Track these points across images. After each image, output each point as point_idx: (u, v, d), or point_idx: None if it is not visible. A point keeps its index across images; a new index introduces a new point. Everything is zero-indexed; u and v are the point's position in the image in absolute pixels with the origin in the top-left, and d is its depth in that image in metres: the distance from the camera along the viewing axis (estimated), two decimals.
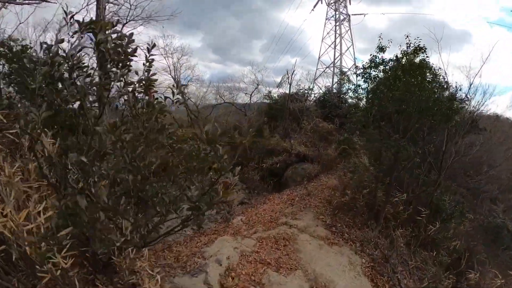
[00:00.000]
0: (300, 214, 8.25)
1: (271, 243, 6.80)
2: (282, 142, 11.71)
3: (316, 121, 12.34)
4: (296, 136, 11.99)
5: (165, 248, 6.71)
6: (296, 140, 11.76)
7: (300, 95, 14.42)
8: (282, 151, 11.63)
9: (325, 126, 12.28)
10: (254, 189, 10.97)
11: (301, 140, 11.81)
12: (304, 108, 13.48)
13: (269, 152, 11.87)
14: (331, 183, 9.75)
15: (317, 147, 11.32)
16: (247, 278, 5.32)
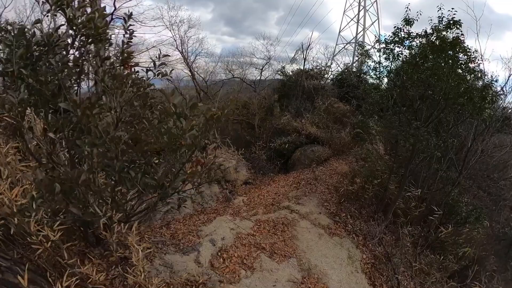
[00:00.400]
0: (304, 199, 7.83)
1: (269, 227, 6.52)
2: (293, 121, 11.06)
3: (331, 101, 11.54)
4: (308, 116, 11.29)
5: (163, 225, 6.59)
6: (308, 120, 11.07)
7: (316, 72, 13.47)
8: (292, 131, 11.01)
9: (340, 107, 11.47)
10: (260, 169, 10.54)
11: (313, 121, 11.11)
12: (319, 87, 12.60)
13: (279, 131, 11.29)
14: (340, 168, 9.18)
15: (329, 129, 10.64)
16: (238, 261, 5.18)
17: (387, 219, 6.52)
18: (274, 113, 11.92)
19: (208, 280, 4.63)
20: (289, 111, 11.83)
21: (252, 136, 11.59)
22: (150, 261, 4.57)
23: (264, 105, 11.86)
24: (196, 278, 4.49)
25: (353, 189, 6.98)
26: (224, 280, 4.71)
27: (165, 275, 4.46)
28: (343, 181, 7.73)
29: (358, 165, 7.71)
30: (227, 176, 9.62)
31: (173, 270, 4.61)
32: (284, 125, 11.22)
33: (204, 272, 4.79)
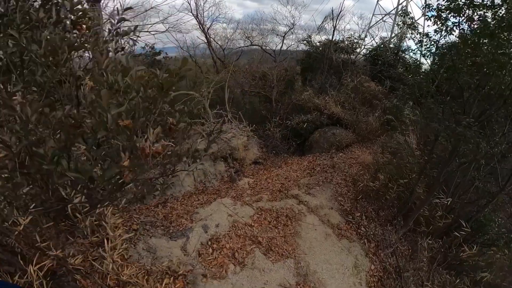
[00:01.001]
0: (316, 189, 6.90)
1: (270, 218, 5.83)
2: (315, 98, 9.81)
3: (361, 79, 10.08)
4: (333, 94, 9.99)
5: (160, 203, 6.27)
6: (332, 98, 9.78)
7: (346, 45, 11.82)
8: (313, 109, 9.81)
9: (371, 87, 10.02)
10: (273, 148, 9.59)
11: (338, 99, 9.80)
12: (349, 61, 11.08)
13: (298, 108, 10.12)
14: (363, 158, 8.06)
15: (356, 111, 9.34)
16: (229, 254, 4.70)
17: (407, 226, 5.51)
18: (294, 87, 10.70)
19: (190, 272, 4.20)
20: (312, 86, 10.54)
21: (268, 111, 10.51)
22: (134, 245, 4.31)
23: (285, 77, 10.61)
24: (176, 268, 4.11)
25: (374, 186, 5.94)
26: (207, 274, 4.24)
27: (147, 261, 4.13)
28: (364, 174, 6.66)
29: (384, 157, 6.57)
30: (235, 154, 8.80)
31: (156, 256, 4.29)
32: (304, 101, 10.01)
33: (188, 262, 4.37)
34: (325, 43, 11.54)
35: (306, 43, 12.12)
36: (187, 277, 4.09)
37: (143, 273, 3.87)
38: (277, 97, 10.46)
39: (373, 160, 7.12)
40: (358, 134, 9.06)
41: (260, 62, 12.52)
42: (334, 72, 10.85)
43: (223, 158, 8.71)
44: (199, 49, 15.36)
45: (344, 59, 11.19)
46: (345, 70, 10.64)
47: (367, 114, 9.26)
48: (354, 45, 11.92)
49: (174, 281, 3.93)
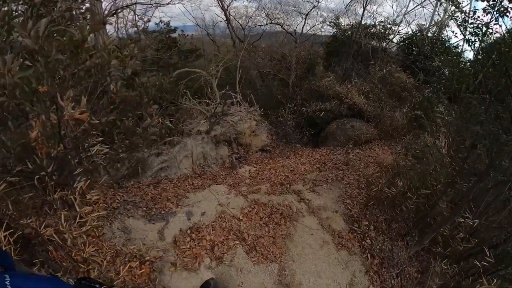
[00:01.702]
0: (323, 187, 6.08)
1: (262, 214, 5.17)
2: (336, 85, 8.78)
3: (391, 69, 8.89)
4: (357, 82, 8.90)
5: (152, 183, 6.06)
6: (356, 87, 8.70)
7: (378, 30, 10.51)
8: (333, 97, 8.78)
9: (402, 78, 8.76)
10: (284, 136, 8.75)
11: (363, 89, 8.69)
12: (380, 48, 9.85)
13: (317, 94, 9.13)
14: (382, 158, 7.06)
15: (381, 104, 8.24)
16: (207, 246, 4.28)
17: (421, 244, 4.57)
18: (315, 72, 9.70)
19: (159, 259, 3.92)
20: (335, 72, 9.46)
21: (284, 96, 9.62)
22: (110, 223, 4.19)
23: (305, 60, 9.61)
24: (145, 252, 3.87)
25: (390, 193, 5.01)
26: (177, 264, 3.89)
27: (118, 241, 3.97)
28: (381, 177, 5.71)
29: (407, 160, 5.57)
30: (241, 139, 8.08)
31: (130, 237, 4.11)
32: (325, 88, 9.00)
33: (161, 247, 4.10)
34: (354, 27, 10.29)
35: (333, 25, 10.92)
36: (155, 264, 3.81)
37: (112, 253, 3.70)
38: (295, 81, 9.53)
39: (393, 161, 6.12)
40: (380, 130, 7.99)
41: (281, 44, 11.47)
42: (362, 59, 9.68)
43: (227, 142, 8.02)
44: (219, 28, 14.60)
45: (374, 45, 9.97)
46: (374, 58, 9.45)
47: (393, 108, 8.13)
48: (387, 31, 10.57)
49: (140, 266, 3.70)
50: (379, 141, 7.97)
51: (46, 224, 3.36)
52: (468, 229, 4.36)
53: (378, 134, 7.95)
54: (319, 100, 8.91)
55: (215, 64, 8.31)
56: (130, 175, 6.04)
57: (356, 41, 9.77)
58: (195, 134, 7.55)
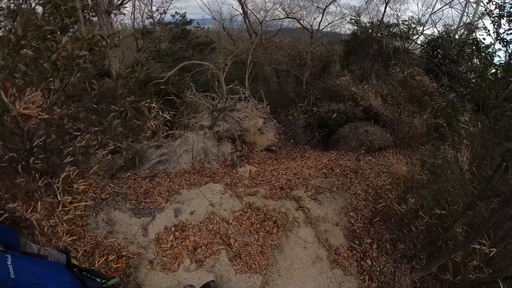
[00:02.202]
0: (327, 195, 5.57)
1: (254, 219, 4.76)
2: (352, 85, 8.19)
3: (413, 71, 8.18)
4: (375, 83, 8.25)
5: (148, 176, 5.84)
6: (373, 89, 8.06)
7: (401, 30, 9.71)
8: (348, 98, 8.20)
9: (424, 82, 8.00)
10: (292, 137, 8.27)
11: (381, 91, 8.05)
12: (402, 49, 9.11)
13: (331, 94, 8.57)
14: (396, 169, 6.43)
15: (400, 108, 7.58)
16: (189, 247, 4.03)
17: (428, 270, 3.99)
18: (331, 71, 9.12)
19: (137, 255, 3.74)
20: (352, 71, 8.85)
21: (296, 94, 9.13)
22: (95, 213, 4.11)
23: (321, 58, 9.05)
24: (122, 247, 3.73)
25: (400, 210, 4.44)
26: (155, 262, 3.71)
27: (101, 233, 3.88)
28: (392, 190, 5.13)
29: (422, 174, 4.96)
30: (245, 136, 7.68)
31: (113, 230, 4.00)
32: (340, 88, 8.43)
33: (142, 244, 3.93)
34: (375, 25, 9.56)
35: (354, 23, 10.23)
36: (130, 261, 3.63)
37: (93, 244, 3.63)
38: (309, 79, 9.01)
39: (407, 174, 5.51)
40: (396, 137, 7.34)
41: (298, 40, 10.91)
42: (382, 59, 9.01)
43: (231, 139, 7.65)
44: (237, 22, 14.24)
45: (396, 45, 9.24)
46: (396, 59, 8.75)
47: (412, 114, 7.44)
48: (411, 30, 9.77)
49: (117, 260, 3.55)
50: (394, 149, 7.33)
51: (33, 209, 3.40)
52: (483, 257, 3.76)
53: (394, 141, 7.30)
54: (332, 101, 8.36)
55: (224, 57, 7.94)
56: (128, 166, 5.87)
57: (377, 40, 9.07)
58: (197, 129, 7.23)
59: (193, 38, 11.47)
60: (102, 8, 6.49)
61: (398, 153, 7.22)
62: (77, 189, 4.20)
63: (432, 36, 10.40)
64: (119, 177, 5.70)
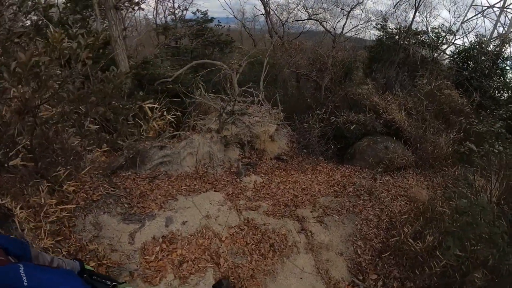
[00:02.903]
0: (334, 218, 5.06)
1: (250, 239, 4.39)
2: (374, 95, 7.56)
3: (441, 84, 7.43)
4: (399, 94, 7.56)
5: (148, 177, 5.68)
6: (397, 101, 7.38)
7: (431, 38, 8.89)
8: (369, 108, 7.58)
9: (453, 97, 7.23)
10: (306, 146, 7.75)
11: (405, 103, 7.35)
12: (430, 59, 8.33)
13: (351, 103, 7.98)
14: (415, 192, 5.77)
15: (425, 125, 6.88)
16: (175, 261, 3.79)
17: None
18: (352, 77, 8.50)
19: (118, 265, 3.63)
20: (375, 79, 8.19)
21: (314, 101, 8.60)
22: (84, 215, 4.04)
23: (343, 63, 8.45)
24: (103, 254, 3.62)
25: (414, 247, 3.88)
26: (136, 274, 3.55)
27: (86, 236, 3.80)
28: (407, 221, 4.55)
29: (444, 206, 4.31)
30: (255, 143, 7.26)
31: (99, 234, 3.92)
32: (361, 97, 7.82)
33: (126, 252, 3.79)
34: (403, 31, 8.80)
35: (380, 28, 9.50)
36: (112, 269, 3.54)
37: (76, 247, 3.58)
38: (329, 85, 8.45)
39: (428, 202, 4.90)
40: (419, 157, 6.63)
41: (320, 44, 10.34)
42: (408, 68, 8.29)
43: (240, 145, 7.26)
44: (259, 23, 13.91)
45: (424, 55, 8.47)
46: (423, 69, 8.00)
47: (438, 131, 6.70)
48: (441, 39, 8.94)
49: (97, 268, 3.46)
50: (415, 169, 6.63)
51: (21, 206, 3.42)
52: None
53: (415, 161, 6.60)
54: (352, 110, 7.76)
55: (238, 58, 7.55)
56: (129, 165, 5.76)
57: (403, 47, 8.35)
58: (204, 132, 6.90)
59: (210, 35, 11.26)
60: (110, 3, 6.29)
61: (419, 174, 6.53)
62: (67, 189, 4.11)
63: (463, 46, 9.52)
64: (119, 176, 5.57)
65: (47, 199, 3.69)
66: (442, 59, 9.79)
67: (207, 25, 12.33)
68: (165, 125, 6.44)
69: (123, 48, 6.74)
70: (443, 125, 6.93)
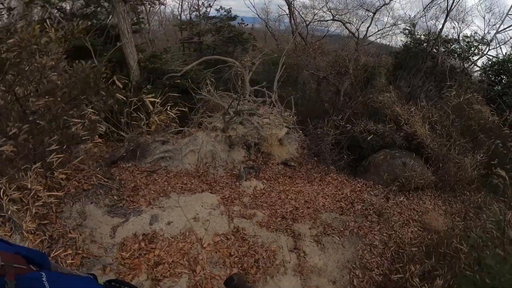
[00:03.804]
0: (334, 239, 4.57)
1: (235, 251, 4.07)
2: (396, 104, 6.90)
3: (471, 98, 6.64)
4: (424, 105, 6.84)
5: (147, 171, 5.59)
6: (421, 112, 6.67)
7: (462, 47, 8.03)
8: (390, 119, 6.94)
9: (483, 114, 6.42)
10: (317, 154, 7.27)
11: (430, 116, 6.64)
12: (460, 69, 7.51)
13: (370, 111, 7.37)
14: (431, 219, 5.12)
15: (449, 142, 6.16)
16: (151, 261, 3.66)
17: None
18: (374, 84, 7.86)
19: (92, 256, 3.61)
20: (399, 87, 7.50)
21: (332, 105, 8.06)
22: (72, 203, 4.10)
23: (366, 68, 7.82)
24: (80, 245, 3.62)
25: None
26: (108, 268, 3.51)
27: (70, 224, 3.85)
28: (415, 258, 3.99)
29: (463, 245, 3.67)
30: (262, 145, 6.88)
31: (82, 223, 3.95)
32: (382, 105, 7.19)
33: (105, 245, 3.77)
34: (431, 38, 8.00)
35: (408, 33, 8.74)
36: (87, 259, 3.54)
37: (59, 233, 3.65)
38: (348, 89, 7.87)
39: (443, 234, 4.29)
40: (440, 177, 5.92)
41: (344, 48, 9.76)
42: (435, 78, 7.53)
43: (246, 146, 6.93)
44: (284, 24, 13.59)
45: (454, 64, 7.68)
46: (452, 80, 7.22)
47: (464, 151, 5.96)
48: (472, 48, 8.06)
49: (74, 256, 3.48)
50: (434, 191, 5.95)
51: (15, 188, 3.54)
52: None
53: (436, 181, 5.92)
54: (371, 119, 7.14)
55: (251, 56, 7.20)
56: (129, 157, 5.75)
57: (432, 55, 7.60)
58: (209, 130, 6.63)
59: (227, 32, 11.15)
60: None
61: (438, 197, 5.85)
62: (57, 176, 4.19)
63: (496, 58, 8.55)
64: (120, 167, 5.55)
65: (36, 184, 3.76)
66: (472, 71, 8.88)
67: (230, 22, 12.34)
68: (168, 120, 6.27)
69: (131, 41, 6.69)
70: (469, 144, 6.17)
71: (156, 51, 7.73)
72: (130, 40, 6.71)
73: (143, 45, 8.48)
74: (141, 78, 7.00)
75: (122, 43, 6.63)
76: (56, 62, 3.01)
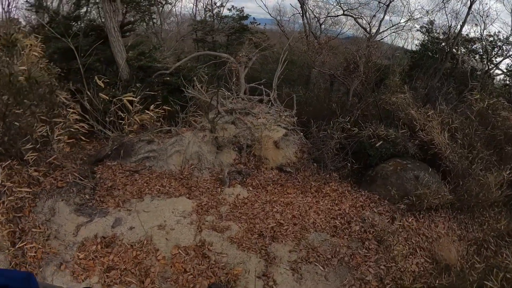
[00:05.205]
0: (317, 268, 3.85)
1: (191, 267, 3.69)
2: (412, 107, 5.93)
3: (496, 103, 5.54)
4: (443, 109, 5.79)
5: (130, 170, 5.46)
6: (440, 117, 5.64)
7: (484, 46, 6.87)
8: (404, 123, 6.00)
9: (510, 121, 5.28)
10: (319, 160, 6.49)
11: (449, 121, 5.60)
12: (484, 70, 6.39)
13: (382, 113, 6.45)
14: (442, 247, 4.16)
15: (472, 154, 5.12)
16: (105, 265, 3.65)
17: None
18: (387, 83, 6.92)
19: (52, 253, 3.70)
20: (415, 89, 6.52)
21: (340, 106, 7.23)
22: (45, 199, 4.26)
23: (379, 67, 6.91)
24: (44, 240, 3.78)
25: None
26: (64, 266, 3.58)
27: (39, 219, 4.03)
28: None
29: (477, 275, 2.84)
30: (255, 148, 6.25)
31: (50, 219, 4.09)
32: (395, 107, 6.27)
33: (65, 243, 3.86)
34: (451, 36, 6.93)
35: (425, 31, 7.71)
36: (46, 255, 3.66)
37: (29, 226, 3.83)
38: (359, 89, 7.00)
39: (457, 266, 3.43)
40: (458, 196, 4.94)
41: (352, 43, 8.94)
42: (455, 80, 6.48)
43: (238, 148, 6.35)
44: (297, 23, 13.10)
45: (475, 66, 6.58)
46: (474, 82, 6.14)
47: (488, 166, 4.93)
48: (496, 50, 6.89)
49: (35, 252, 3.62)
50: (450, 212, 4.99)
51: None
52: None
53: (451, 200, 4.95)
54: (382, 123, 6.26)
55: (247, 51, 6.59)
56: (115, 156, 5.68)
57: (452, 55, 6.54)
58: (197, 130, 6.15)
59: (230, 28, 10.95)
60: None
61: (453, 219, 4.89)
62: (31, 174, 4.35)
63: None
64: (105, 165, 5.50)
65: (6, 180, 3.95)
66: (494, 75, 7.68)
67: (243, 22, 12.42)
68: (153, 120, 5.88)
69: (118, 39, 6.54)
70: (494, 157, 5.12)
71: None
72: (117, 38, 6.66)
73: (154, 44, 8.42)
74: (130, 76, 6.76)
75: (110, 42, 6.44)
76: None
